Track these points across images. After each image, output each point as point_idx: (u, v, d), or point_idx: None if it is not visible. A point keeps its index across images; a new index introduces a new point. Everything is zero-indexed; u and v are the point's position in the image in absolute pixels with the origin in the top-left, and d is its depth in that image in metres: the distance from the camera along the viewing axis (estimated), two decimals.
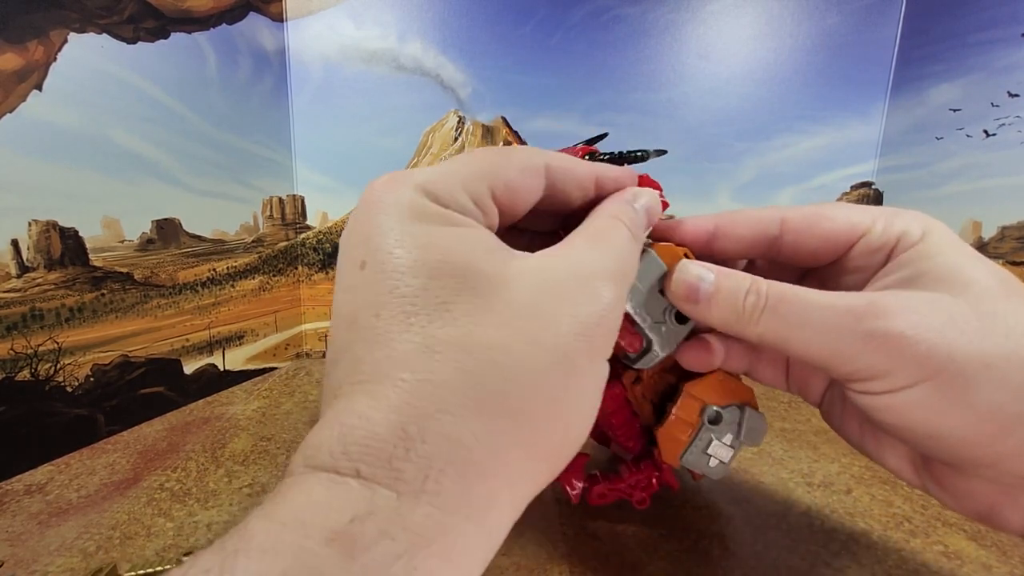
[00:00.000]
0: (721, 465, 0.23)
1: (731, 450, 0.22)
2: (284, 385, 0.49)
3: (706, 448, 0.22)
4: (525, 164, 0.17)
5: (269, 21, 0.50)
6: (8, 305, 0.32)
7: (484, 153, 0.17)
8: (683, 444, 0.23)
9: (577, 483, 0.26)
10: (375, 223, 0.15)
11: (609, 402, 0.24)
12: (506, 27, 0.52)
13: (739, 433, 0.22)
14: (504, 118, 0.54)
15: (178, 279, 0.43)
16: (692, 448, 0.22)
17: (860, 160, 0.54)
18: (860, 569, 0.24)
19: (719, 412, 0.22)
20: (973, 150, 0.46)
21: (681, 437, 0.23)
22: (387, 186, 0.16)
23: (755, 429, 0.22)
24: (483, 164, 0.17)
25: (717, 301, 0.19)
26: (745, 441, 0.22)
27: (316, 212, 0.56)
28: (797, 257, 0.23)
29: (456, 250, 0.14)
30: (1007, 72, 0.43)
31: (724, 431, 0.22)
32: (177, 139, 0.42)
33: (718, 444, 0.22)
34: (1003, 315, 0.16)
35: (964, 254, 0.18)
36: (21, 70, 0.32)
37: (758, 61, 0.52)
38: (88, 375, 0.37)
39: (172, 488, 0.31)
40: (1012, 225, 0.43)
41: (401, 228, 0.14)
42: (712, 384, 0.23)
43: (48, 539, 0.26)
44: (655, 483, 0.26)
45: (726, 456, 0.22)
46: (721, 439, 0.22)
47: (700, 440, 0.22)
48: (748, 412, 0.22)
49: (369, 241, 0.14)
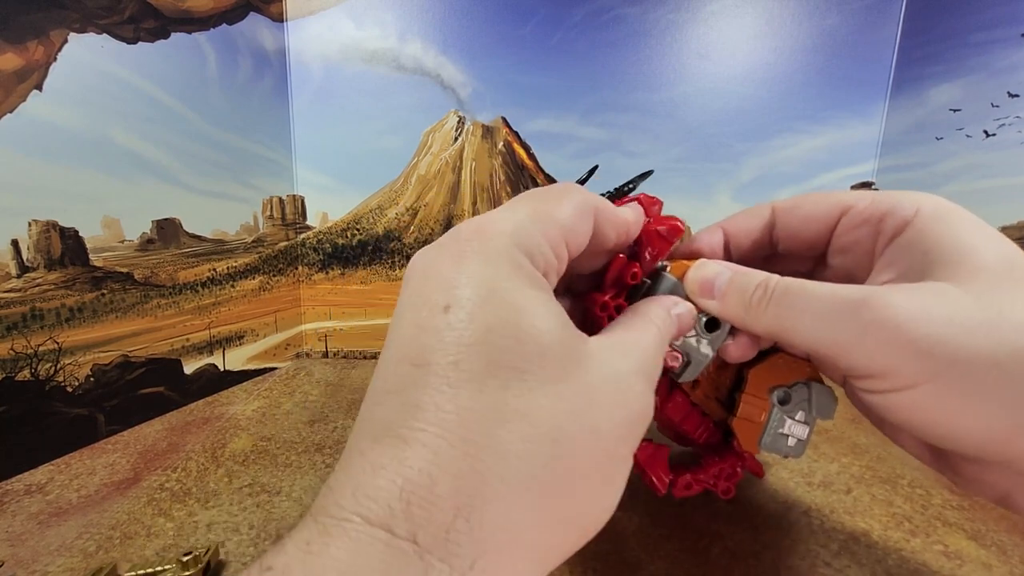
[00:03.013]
0: (799, 443, 0.22)
1: (806, 427, 0.22)
2: (284, 385, 0.49)
3: (781, 428, 0.22)
4: (582, 208, 0.18)
5: (269, 21, 0.50)
6: (8, 305, 0.32)
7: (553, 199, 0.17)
8: (759, 428, 0.23)
9: (664, 476, 0.24)
10: (468, 271, 0.14)
11: (674, 412, 0.25)
12: (506, 27, 0.52)
13: (810, 409, 0.22)
14: (504, 118, 0.54)
15: (178, 279, 0.43)
16: (768, 431, 0.23)
17: (860, 160, 0.54)
18: (860, 569, 0.24)
19: (787, 391, 0.22)
20: (973, 150, 0.46)
21: (755, 422, 0.23)
22: (481, 235, 0.15)
23: (825, 402, 0.22)
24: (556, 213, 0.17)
25: (729, 294, 0.20)
26: (818, 415, 0.22)
27: (316, 212, 0.56)
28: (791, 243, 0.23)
29: (543, 320, 0.14)
30: (1007, 72, 0.43)
31: (795, 409, 0.22)
32: (177, 139, 0.42)
33: (792, 423, 0.22)
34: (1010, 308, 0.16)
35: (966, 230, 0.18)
36: (21, 70, 0.32)
37: (758, 61, 0.52)
38: (88, 375, 0.37)
39: (172, 488, 0.31)
40: (1012, 225, 0.43)
41: (494, 282, 0.14)
42: (774, 366, 0.23)
43: (48, 539, 0.26)
44: (739, 472, 0.26)
45: (803, 433, 0.22)
46: (794, 417, 0.22)
47: (774, 422, 0.23)
48: (815, 387, 0.22)
49: (458, 288, 0.14)
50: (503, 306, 0.14)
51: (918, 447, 0.21)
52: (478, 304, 0.14)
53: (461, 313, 0.14)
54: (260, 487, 0.31)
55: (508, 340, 0.13)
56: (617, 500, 0.16)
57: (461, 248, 0.15)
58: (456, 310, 0.14)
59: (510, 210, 0.16)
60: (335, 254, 0.57)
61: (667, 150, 0.54)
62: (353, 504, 0.12)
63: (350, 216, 0.56)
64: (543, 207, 0.17)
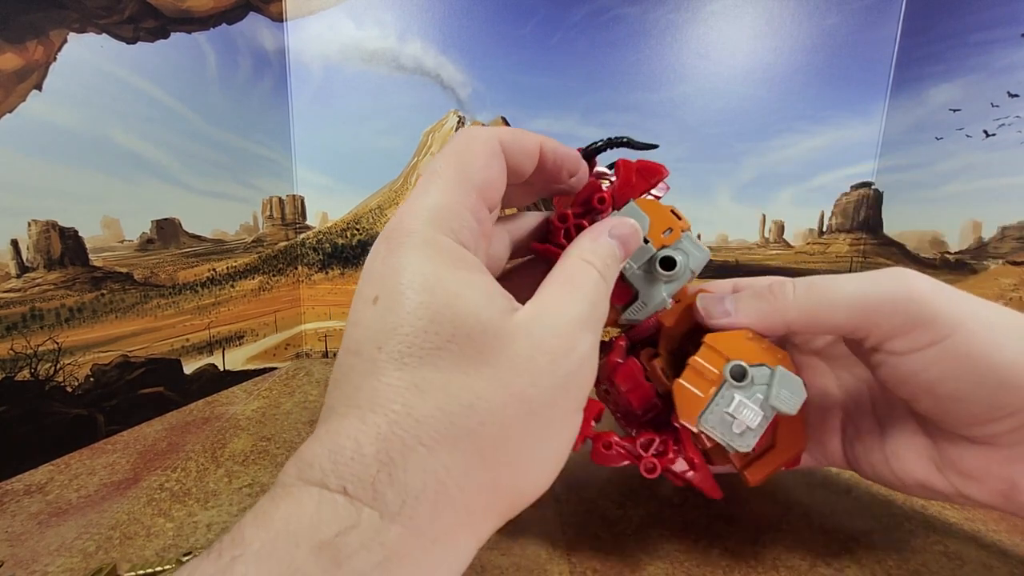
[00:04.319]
0: (748, 432, 0.19)
1: (759, 415, 0.19)
2: (284, 385, 0.49)
3: (728, 407, 0.19)
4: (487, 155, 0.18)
5: (269, 21, 0.50)
6: (8, 305, 0.32)
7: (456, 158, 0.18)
8: (702, 401, 0.20)
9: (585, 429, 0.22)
10: (391, 264, 0.16)
11: (624, 380, 0.23)
12: (506, 27, 0.52)
13: (769, 395, 0.19)
14: (504, 118, 0.54)
15: (178, 279, 0.43)
16: (713, 407, 0.20)
17: (860, 160, 0.54)
18: (860, 569, 0.24)
19: (745, 368, 0.19)
20: (973, 150, 0.46)
21: (699, 393, 0.20)
22: (400, 228, 0.17)
23: (789, 392, 0.19)
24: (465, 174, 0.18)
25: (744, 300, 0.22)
26: (776, 405, 0.19)
27: (316, 212, 0.56)
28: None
29: (460, 297, 0.15)
30: (1007, 72, 0.43)
31: (751, 391, 0.19)
32: (177, 139, 0.42)
33: (743, 403, 0.19)
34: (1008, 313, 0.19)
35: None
36: (21, 70, 0.32)
37: (758, 61, 0.52)
38: (88, 375, 0.37)
39: (172, 488, 0.31)
40: (1012, 225, 0.43)
41: (412, 270, 0.15)
42: (738, 340, 0.20)
43: (48, 539, 0.26)
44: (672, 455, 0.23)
45: (753, 420, 0.19)
46: (747, 399, 0.19)
47: (722, 399, 0.20)
48: (780, 372, 0.19)
49: (383, 279, 0.16)
50: (421, 291, 0.15)
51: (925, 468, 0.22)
52: (400, 292, 0.15)
53: (386, 303, 0.15)
54: (260, 487, 0.31)
55: (427, 323, 0.15)
56: (557, 465, 0.17)
57: (387, 243, 0.16)
58: (381, 301, 0.15)
59: (423, 191, 0.17)
60: (335, 254, 0.57)
61: (667, 150, 0.54)
62: (295, 472, 0.14)
63: (350, 216, 0.56)
64: (450, 173, 0.18)
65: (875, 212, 0.55)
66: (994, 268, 0.45)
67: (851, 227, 0.56)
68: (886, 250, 0.54)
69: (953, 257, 0.48)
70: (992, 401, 0.19)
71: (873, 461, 0.24)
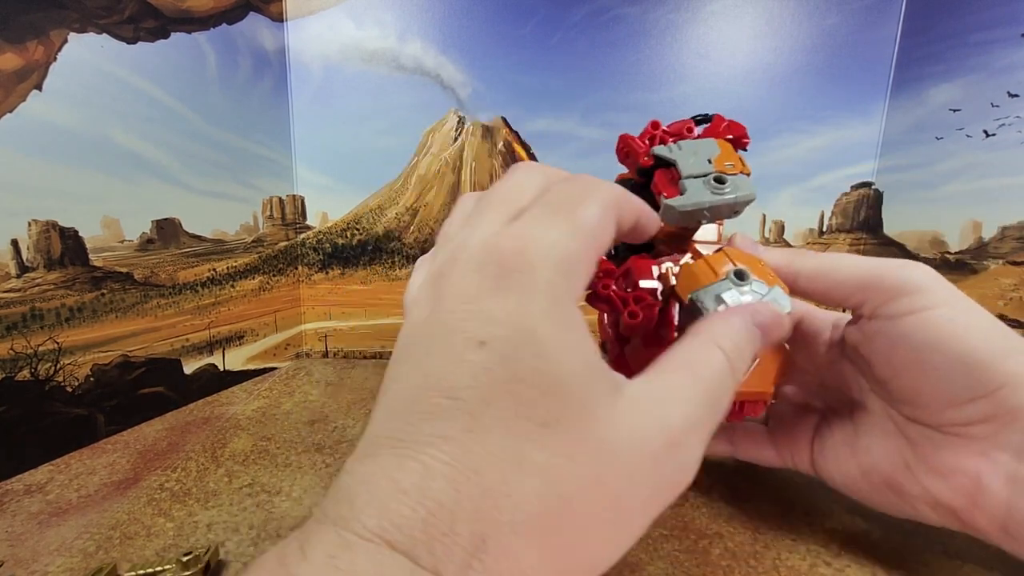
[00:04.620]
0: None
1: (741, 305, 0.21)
2: (284, 385, 0.49)
3: (721, 292, 0.21)
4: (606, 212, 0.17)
5: (269, 21, 0.50)
6: (8, 305, 0.32)
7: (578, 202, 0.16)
8: (700, 284, 0.22)
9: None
10: (507, 307, 0.14)
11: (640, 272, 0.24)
12: (506, 27, 0.52)
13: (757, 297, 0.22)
14: (504, 118, 0.54)
15: (178, 279, 0.43)
16: (708, 288, 0.22)
17: (860, 160, 0.54)
18: (860, 569, 0.24)
19: (747, 272, 0.22)
20: (973, 150, 0.46)
21: (700, 278, 0.22)
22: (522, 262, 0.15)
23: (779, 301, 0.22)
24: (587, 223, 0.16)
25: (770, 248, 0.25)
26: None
27: (316, 212, 0.56)
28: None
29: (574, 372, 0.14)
30: (1007, 72, 0.43)
31: (745, 290, 0.21)
32: (177, 139, 0.42)
33: (735, 293, 0.21)
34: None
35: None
36: (21, 70, 0.32)
37: (758, 61, 0.52)
38: (88, 375, 0.37)
39: (172, 488, 0.31)
40: (1012, 225, 0.43)
41: (530, 323, 0.14)
42: (751, 259, 0.23)
43: (48, 539, 0.26)
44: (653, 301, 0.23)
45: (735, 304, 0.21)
46: (739, 293, 0.21)
47: (718, 286, 0.22)
48: (776, 290, 0.22)
49: (495, 326, 0.14)
50: (536, 355, 0.14)
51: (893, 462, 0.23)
52: (514, 346, 0.14)
53: (495, 354, 0.14)
54: (260, 487, 0.31)
55: (536, 393, 0.13)
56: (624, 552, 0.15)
57: (503, 277, 0.15)
58: (491, 349, 0.14)
59: (549, 223, 0.16)
60: (335, 254, 0.57)
61: None
62: (378, 527, 0.12)
63: (350, 216, 0.56)
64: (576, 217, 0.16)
65: (875, 212, 0.55)
66: (994, 268, 0.45)
67: (851, 227, 0.56)
68: (886, 250, 0.54)
69: (953, 257, 0.48)
70: (967, 378, 0.20)
71: (841, 458, 0.25)
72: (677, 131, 0.26)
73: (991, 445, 0.21)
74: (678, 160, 0.24)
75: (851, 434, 0.25)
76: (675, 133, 0.26)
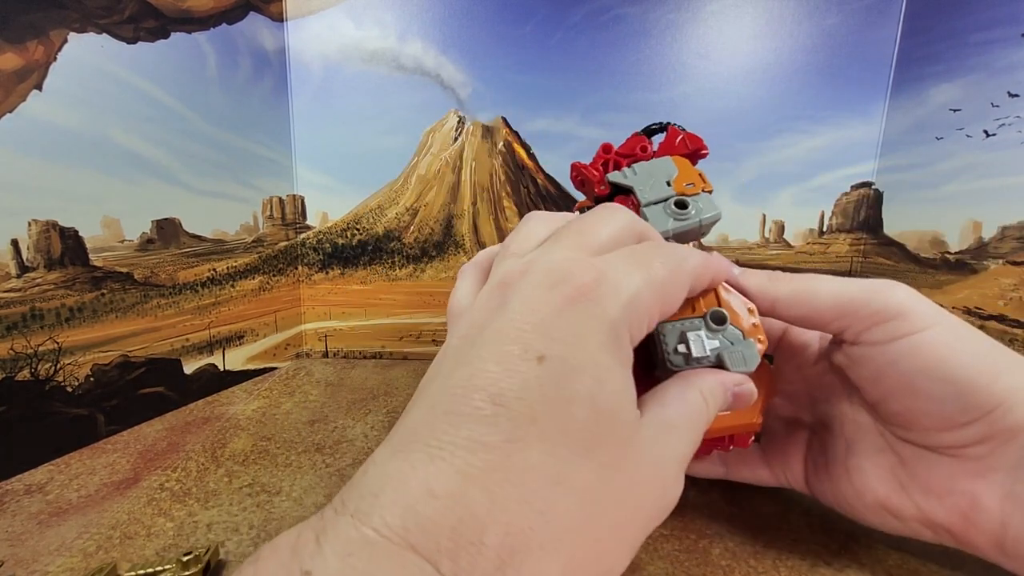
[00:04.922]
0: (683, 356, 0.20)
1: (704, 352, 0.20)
2: (284, 385, 0.49)
3: (687, 331, 0.21)
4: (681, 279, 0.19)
5: (269, 21, 0.50)
6: (8, 305, 0.32)
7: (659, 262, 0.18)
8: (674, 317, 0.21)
9: None
10: (572, 328, 0.15)
11: None
12: (506, 27, 0.52)
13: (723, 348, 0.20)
14: (504, 118, 0.54)
15: (178, 279, 0.43)
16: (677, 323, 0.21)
17: (860, 160, 0.54)
18: (860, 569, 0.24)
19: (725, 317, 0.21)
20: (973, 150, 0.46)
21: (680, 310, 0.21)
22: (597, 292, 0.16)
23: (741, 357, 0.20)
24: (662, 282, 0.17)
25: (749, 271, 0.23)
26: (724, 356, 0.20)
27: (316, 212, 0.56)
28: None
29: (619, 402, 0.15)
30: (1007, 72, 0.43)
31: (714, 337, 0.20)
32: (177, 139, 0.42)
33: (700, 337, 0.20)
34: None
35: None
36: (21, 70, 0.32)
37: (758, 61, 0.52)
38: (88, 375, 0.37)
39: (172, 488, 0.31)
40: (1012, 225, 0.43)
41: (591, 352, 0.15)
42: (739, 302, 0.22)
43: (48, 539, 0.26)
44: None
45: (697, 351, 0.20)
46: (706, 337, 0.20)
47: (690, 323, 0.21)
48: (748, 343, 0.21)
49: (556, 342, 0.14)
50: (591, 379, 0.14)
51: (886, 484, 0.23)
52: (571, 368, 0.14)
53: (552, 371, 0.14)
54: (260, 487, 0.31)
55: (584, 413, 0.14)
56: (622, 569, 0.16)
57: (574, 297, 0.15)
58: (548, 365, 0.14)
59: (627, 268, 0.17)
60: (335, 254, 0.57)
61: None
62: (402, 529, 0.12)
63: (350, 216, 0.56)
64: (656, 274, 0.17)
65: (875, 212, 0.55)
66: (994, 268, 0.45)
67: (851, 227, 0.56)
68: (886, 250, 0.54)
69: (953, 257, 0.48)
70: (959, 401, 0.20)
71: (835, 476, 0.24)
72: (630, 151, 0.26)
73: (986, 465, 0.20)
74: (635, 187, 0.24)
75: (843, 451, 0.24)
76: (629, 154, 0.26)
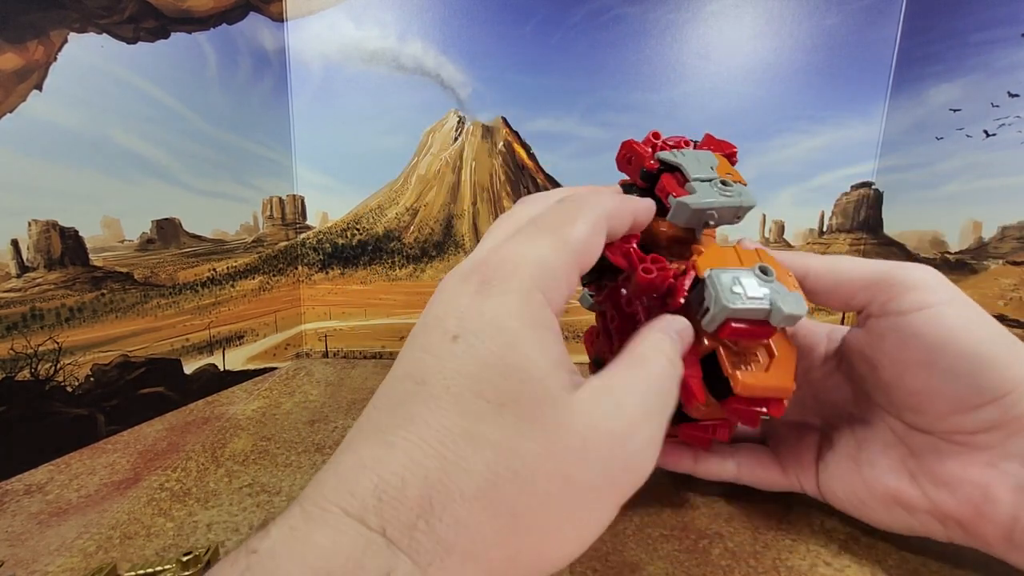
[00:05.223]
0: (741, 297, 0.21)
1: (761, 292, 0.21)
2: (284, 385, 0.49)
3: (740, 277, 0.21)
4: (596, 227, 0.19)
5: (269, 21, 0.50)
6: (8, 305, 0.32)
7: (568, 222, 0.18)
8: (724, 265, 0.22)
9: None
10: (482, 307, 0.16)
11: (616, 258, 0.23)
12: (506, 27, 0.52)
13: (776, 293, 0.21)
14: (504, 118, 0.54)
15: (178, 279, 0.43)
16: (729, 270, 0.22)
17: (860, 160, 0.54)
18: (860, 569, 0.24)
19: (771, 270, 0.21)
20: (973, 150, 0.46)
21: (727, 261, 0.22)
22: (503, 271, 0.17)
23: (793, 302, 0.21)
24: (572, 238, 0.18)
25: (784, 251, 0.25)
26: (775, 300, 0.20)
27: (316, 212, 0.56)
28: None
29: (533, 361, 0.15)
30: (1007, 72, 0.43)
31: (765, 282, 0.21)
32: (177, 139, 0.42)
33: (755, 282, 0.21)
34: None
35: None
36: (21, 70, 0.32)
37: (758, 61, 0.52)
38: (88, 375, 0.37)
39: (172, 488, 0.31)
40: (1012, 225, 0.43)
41: (500, 321, 0.16)
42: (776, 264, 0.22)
43: (48, 539, 0.26)
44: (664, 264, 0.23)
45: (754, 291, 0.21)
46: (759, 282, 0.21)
47: (741, 272, 0.21)
48: (796, 295, 0.21)
49: (468, 320, 0.16)
50: (503, 345, 0.15)
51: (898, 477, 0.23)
52: (482, 339, 0.15)
53: (464, 345, 0.15)
54: (260, 487, 0.31)
55: (497, 377, 0.15)
56: (583, 546, 0.16)
57: (482, 282, 0.16)
58: (461, 341, 0.15)
59: (532, 241, 0.18)
60: (335, 254, 0.57)
61: None
62: (335, 496, 0.13)
63: (350, 216, 0.56)
64: (562, 234, 0.18)
65: (875, 212, 0.55)
66: (994, 268, 0.45)
67: (851, 227, 0.56)
68: (886, 250, 0.54)
69: (953, 257, 0.48)
70: (973, 380, 0.20)
71: (846, 472, 0.25)
72: (675, 143, 0.28)
73: (998, 454, 0.20)
74: (684, 164, 0.25)
75: (853, 448, 0.25)
76: (674, 144, 0.28)
